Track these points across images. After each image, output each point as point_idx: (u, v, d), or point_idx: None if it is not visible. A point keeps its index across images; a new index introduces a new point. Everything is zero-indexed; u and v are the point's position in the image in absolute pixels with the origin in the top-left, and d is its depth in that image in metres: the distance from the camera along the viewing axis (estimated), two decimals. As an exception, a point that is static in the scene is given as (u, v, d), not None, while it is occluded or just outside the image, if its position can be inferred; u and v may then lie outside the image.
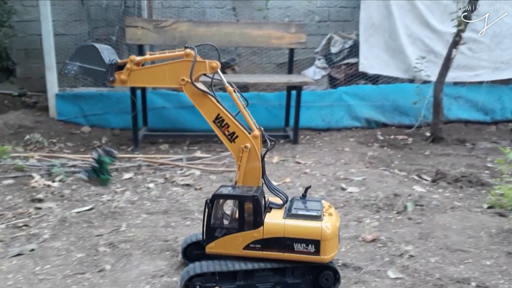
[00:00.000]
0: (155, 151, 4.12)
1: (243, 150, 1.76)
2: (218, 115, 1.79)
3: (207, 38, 4.48)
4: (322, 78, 5.73)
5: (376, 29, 4.85)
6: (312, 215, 1.67)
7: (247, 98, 5.26)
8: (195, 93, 1.78)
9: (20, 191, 2.81)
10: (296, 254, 1.65)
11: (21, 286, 1.76)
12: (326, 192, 2.87)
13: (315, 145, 4.17)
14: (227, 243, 1.69)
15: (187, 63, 1.76)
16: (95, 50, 1.80)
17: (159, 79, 1.82)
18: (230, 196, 1.70)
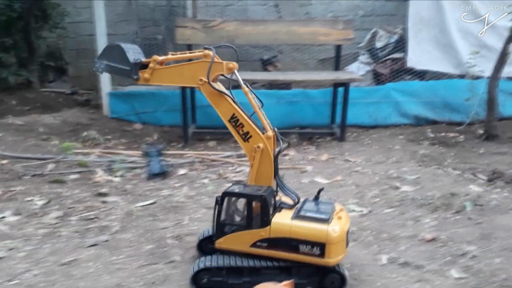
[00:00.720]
0: (203, 148, 4.28)
1: (256, 150, 1.81)
2: (233, 115, 1.84)
3: (253, 36, 4.58)
4: (366, 73, 5.68)
5: (425, 24, 4.76)
6: (320, 218, 1.70)
7: (291, 95, 5.34)
8: (212, 93, 1.85)
9: (86, 186, 3.03)
10: (301, 255, 1.68)
11: (102, 274, 1.93)
12: (380, 191, 2.90)
13: (363, 143, 4.17)
14: (236, 239, 1.75)
15: (205, 64, 1.83)
16: (120, 50, 1.90)
17: (179, 78, 1.90)
18: (240, 194, 1.75)
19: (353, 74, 4.48)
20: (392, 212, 2.57)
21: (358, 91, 4.75)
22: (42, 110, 5.46)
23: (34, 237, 2.26)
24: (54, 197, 2.79)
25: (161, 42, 6.24)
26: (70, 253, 2.10)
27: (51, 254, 2.09)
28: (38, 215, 2.53)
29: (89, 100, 6.00)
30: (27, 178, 3.09)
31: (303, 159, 3.69)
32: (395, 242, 2.22)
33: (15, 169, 3.19)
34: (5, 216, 2.48)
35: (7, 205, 2.64)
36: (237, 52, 1.95)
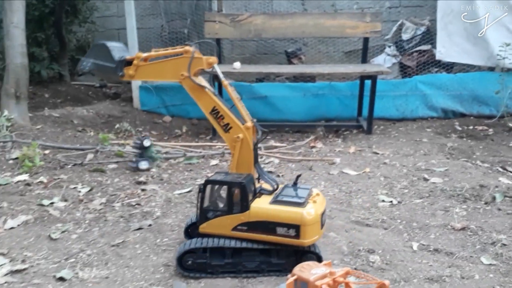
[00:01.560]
0: (231, 140, 4.43)
1: (236, 140, 1.95)
2: (214, 108, 1.97)
3: (281, 30, 4.69)
4: (392, 66, 5.72)
5: (455, 16, 4.76)
6: (295, 202, 1.85)
7: (318, 88, 5.43)
8: (193, 87, 1.97)
9: (124, 175, 3.22)
10: (278, 237, 1.84)
11: (149, 254, 2.11)
12: (409, 182, 2.99)
13: (391, 136, 4.25)
14: (218, 224, 1.90)
15: (186, 59, 1.95)
16: (105, 48, 2.04)
17: (162, 73, 2.02)
18: (220, 182, 1.91)
19: (380, 67, 4.55)
20: (422, 203, 2.67)
21: (385, 84, 4.81)
22: (73, 102, 5.74)
23: (83, 221, 2.46)
24: (96, 185, 3.00)
25: (187, 35, 6.42)
26: (118, 236, 2.29)
27: (100, 237, 2.29)
28: (84, 201, 2.74)
29: (117, 93, 6.25)
30: (69, 167, 3.31)
31: (330, 151, 3.81)
32: (425, 231, 2.33)
33: (57, 158, 3.42)
34: (54, 202, 2.69)
35: (53, 192, 2.86)
36: (217, 48, 2.16)
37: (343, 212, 2.58)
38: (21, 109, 4.12)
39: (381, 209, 2.61)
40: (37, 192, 2.84)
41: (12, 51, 4.10)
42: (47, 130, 4.01)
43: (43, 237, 2.28)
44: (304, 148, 3.95)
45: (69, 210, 2.60)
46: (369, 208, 2.63)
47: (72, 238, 2.28)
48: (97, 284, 1.87)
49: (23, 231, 2.34)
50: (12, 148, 3.53)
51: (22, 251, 2.14)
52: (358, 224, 2.42)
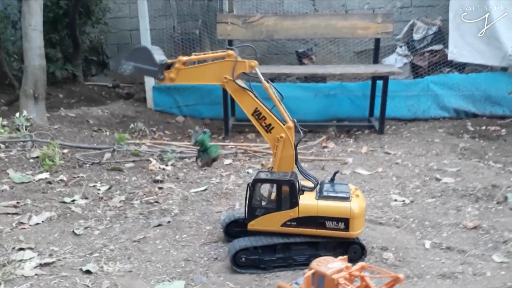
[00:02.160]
0: (243, 140, 4.54)
1: (279, 140, 2.04)
2: (256, 109, 2.07)
3: (292, 31, 4.77)
4: (404, 66, 5.77)
5: (468, 16, 4.80)
6: (342, 197, 1.97)
7: (329, 88, 5.50)
8: (236, 89, 2.06)
9: (141, 173, 3.34)
10: (328, 231, 1.96)
11: (169, 250, 2.22)
12: (421, 182, 3.06)
13: (403, 136, 4.32)
14: (267, 221, 1.99)
15: (229, 63, 2.04)
16: (147, 52, 2.09)
17: (203, 77, 2.10)
18: (270, 180, 2.01)
19: (392, 67, 4.61)
20: (434, 202, 2.74)
21: (397, 84, 4.87)
22: (87, 103, 5.88)
23: (104, 218, 2.58)
24: (114, 183, 3.11)
25: (198, 37, 6.53)
26: (138, 232, 2.40)
27: (122, 233, 2.40)
28: (104, 199, 2.85)
29: (130, 94, 6.38)
30: (87, 166, 3.43)
31: (342, 151, 3.89)
32: (437, 229, 2.40)
33: (75, 158, 3.54)
34: (76, 199, 2.81)
35: (74, 189, 2.98)
36: (256, 51, 2.22)
37: (356, 210, 2.65)
38: (39, 109, 4.26)
39: (393, 208, 2.69)
40: (58, 190, 2.96)
41: (31, 53, 4.23)
42: (64, 130, 4.14)
43: (67, 233, 2.39)
44: (316, 148, 4.04)
45: (90, 207, 2.72)
46: (382, 207, 2.71)
47: (94, 234, 2.39)
48: (122, 277, 1.97)
49: (47, 227, 2.46)
50: (32, 148, 3.66)
51: (49, 245, 2.25)
52: (372, 223, 2.50)
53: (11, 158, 3.48)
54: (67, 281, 1.94)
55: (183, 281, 1.94)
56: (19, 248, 2.20)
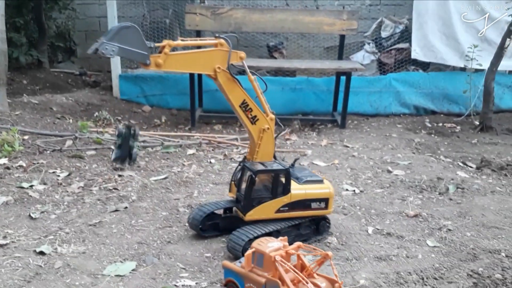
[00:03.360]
0: (210, 131, 4.65)
1: (264, 131, 2.15)
2: (244, 101, 2.12)
3: (260, 24, 4.90)
4: (371, 62, 6.01)
5: (430, 16, 5.06)
6: (318, 180, 2.26)
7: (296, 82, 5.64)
8: (229, 80, 2.07)
9: (102, 161, 3.41)
10: (313, 211, 2.22)
11: (124, 233, 2.32)
12: (373, 174, 3.27)
13: (363, 130, 4.53)
14: (263, 209, 2.13)
15: (221, 52, 2.02)
16: (137, 33, 1.90)
17: (193, 65, 2.06)
18: (270, 170, 2.12)
19: (355, 64, 4.81)
20: (382, 192, 2.95)
21: (361, 80, 5.09)
22: (52, 90, 5.84)
23: (61, 203, 2.65)
24: (74, 170, 3.18)
25: (169, 26, 6.56)
26: (95, 217, 2.49)
27: (78, 217, 2.48)
28: (62, 185, 2.92)
29: (97, 82, 6.37)
30: (48, 153, 3.48)
31: (303, 144, 4.06)
32: (382, 217, 2.60)
33: (36, 144, 3.58)
34: (34, 185, 2.87)
35: (33, 175, 3.03)
36: (238, 41, 2.14)
37: (309, 199, 2.82)
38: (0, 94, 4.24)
39: (344, 197, 2.87)
40: (16, 176, 3.01)
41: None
42: (26, 116, 4.15)
43: (23, 217, 2.46)
44: (279, 140, 4.19)
45: (48, 193, 2.78)
46: (333, 196, 2.88)
47: (51, 218, 2.47)
48: (75, 258, 2.07)
49: (3, 211, 2.52)
50: (-9, 133, 3.66)
51: (3, 228, 2.32)
52: (321, 210, 2.67)
53: (-31, 143, 3.48)
54: (20, 261, 2.02)
55: (134, 262, 2.05)
56: (-28, 231, 2.26)
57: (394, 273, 1.99)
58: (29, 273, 1.93)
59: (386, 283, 1.91)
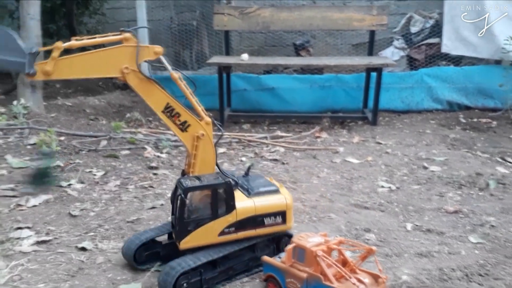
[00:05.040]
0: (238, 130, 4.66)
1: (198, 139, 1.79)
2: (167, 105, 1.78)
3: (289, 22, 4.89)
4: (400, 58, 5.89)
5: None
6: (272, 190, 1.89)
7: (324, 79, 5.59)
8: (142, 81, 1.73)
9: (137, 160, 3.47)
10: (267, 228, 1.85)
11: (162, 230, 2.35)
12: (408, 170, 3.20)
13: (395, 127, 4.45)
14: (202, 234, 1.74)
15: (127, 49, 1.70)
16: (9, 37, 1.56)
17: (94, 68, 1.70)
18: (204, 186, 1.73)
19: (386, 59, 4.73)
20: (419, 189, 2.88)
21: (392, 76, 4.99)
22: (84, 93, 6.00)
23: (99, 201, 2.71)
24: (110, 169, 3.25)
25: (195, 28, 6.63)
26: (132, 214, 2.53)
27: (116, 214, 2.53)
28: (99, 183, 2.99)
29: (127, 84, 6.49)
30: (84, 153, 3.57)
31: (334, 141, 4.02)
32: (420, 213, 2.54)
33: (72, 145, 3.68)
34: (72, 184, 2.95)
35: (70, 175, 3.11)
36: (150, 30, 1.88)
37: (343, 196, 2.80)
38: (36, 98, 4.39)
39: (380, 194, 2.83)
40: (55, 175, 3.10)
41: (28, 42, 4.35)
42: (61, 118, 4.27)
43: (63, 214, 2.53)
44: (309, 138, 4.17)
45: (86, 191, 2.85)
46: (369, 193, 2.84)
47: (90, 215, 2.53)
48: (115, 253, 2.11)
49: (44, 209, 2.60)
50: (29, 134, 3.79)
51: (45, 225, 2.39)
52: (357, 207, 2.64)
53: (9, 144, 3.62)
54: (63, 257, 2.08)
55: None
56: (17, 227, 2.34)
57: (437, 270, 1.94)
58: (73, 268, 1.98)
59: (429, 279, 1.86)
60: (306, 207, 2.62)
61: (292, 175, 3.16)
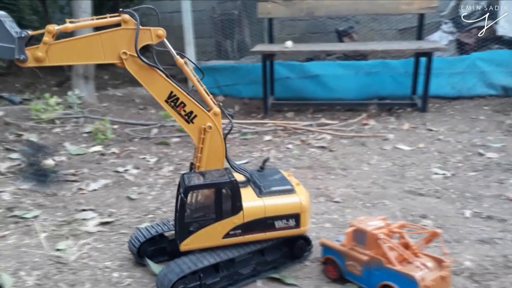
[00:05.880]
0: (282, 118, 4.67)
1: (206, 131, 1.67)
2: (171, 93, 1.64)
3: (334, 7, 4.81)
4: (449, 43, 5.67)
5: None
6: (286, 189, 1.72)
7: (371, 66, 5.49)
8: (142, 68, 1.60)
9: (187, 147, 3.57)
10: (277, 231, 1.69)
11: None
12: (463, 157, 3.10)
13: (446, 113, 4.31)
14: (204, 235, 1.62)
15: (126, 32, 1.55)
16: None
17: (90, 53, 1.55)
18: (206, 185, 1.59)
19: (436, 44, 4.58)
20: (476, 175, 2.79)
21: (441, 61, 4.82)
22: (130, 84, 6.19)
23: (155, 185, 2.82)
24: (162, 156, 3.36)
25: (237, 17, 6.67)
26: (187, 198, 2.61)
27: (172, 198, 2.61)
28: (154, 169, 3.10)
29: (172, 75, 6.64)
30: (137, 140, 3.70)
31: (383, 128, 3.95)
32: (478, 200, 2.46)
33: (125, 132, 3.82)
34: (128, 169, 3.08)
35: (125, 161, 3.25)
36: (158, 14, 1.69)
37: (396, 183, 2.76)
38: (89, 88, 4.59)
39: (434, 180, 2.76)
40: (111, 161, 3.24)
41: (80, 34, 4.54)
42: (113, 108, 4.45)
43: (122, 197, 2.65)
44: (356, 125, 4.12)
45: (142, 176, 2.97)
46: (423, 179, 2.79)
47: (147, 198, 2.63)
48: (174, 235, 2.19)
49: (104, 192, 2.73)
50: (84, 123, 3.98)
51: (107, 208, 2.51)
52: (411, 194, 2.59)
53: (67, 132, 3.81)
54: (126, 237, 2.18)
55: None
56: (81, 209, 2.48)
57: (501, 256, 1.88)
58: (136, 247, 2.08)
59: (493, 266, 1.82)
60: (358, 193, 2.61)
61: (342, 161, 3.14)
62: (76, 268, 1.92)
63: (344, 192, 2.62)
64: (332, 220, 2.28)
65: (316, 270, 1.85)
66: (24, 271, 1.89)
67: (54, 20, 6.68)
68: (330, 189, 2.66)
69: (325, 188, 2.67)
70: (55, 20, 6.72)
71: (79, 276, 1.86)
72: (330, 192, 2.61)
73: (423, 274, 1.53)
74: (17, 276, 1.85)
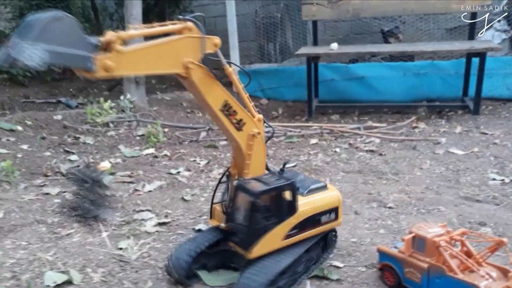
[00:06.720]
0: (327, 121, 4.66)
1: (254, 137, 1.69)
2: (226, 102, 1.64)
3: (380, 8, 4.75)
4: (502, 42, 5.45)
5: None
6: (322, 186, 1.83)
7: (419, 67, 5.36)
8: (206, 77, 1.55)
9: (234, 150, 3.64)
10: (323, 226, 1.82)
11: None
12: (523, 162, 2.98)
13: (501, 116, 4.15)
14: (268, 240, 1.65)
15: (190, 41, 1.49)
16: (73, 27, 1.26)
17: (158, 63, 1.45)
18: (274, 189, 1.63)
19: (490, 43, 4.41)
20: (538, 182, 2.68)
21: (495, 61, 4.64)
22: (176, 88, 6.38)
23: (207, 187, 2.90)
24: (211, 158, 3.45)
25: (280, 20, 6.71)
26: (239, 200, 2.68)
27: (224, 200, 2.69)
28: (204, 171, 3.19)
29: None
30: (186, 143, 3.82)
31: (434, 132, 3.85)
32: (542, 208, 2.36)
33: (175, 135, 3.95)
34: (180, 171, 3.18)
35: (177, 163, 3.36)
36: (205, 21, 1.55)
37: (451, 188, 2.69)
38: (140, 93, 4.77)
39: (491, 186, 2.67)
40: (164, 163, 3.36)
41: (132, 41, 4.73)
42: (162, 111, 4.60)
43: (177, 199, 2.75)
44: (405, 128, 4.04)
45: (194, 178, 3.06)
46: (479, 185, 2.70)
47: (201, 200, 2.72)
48: (229, 237, 2.25)
49: (159, 194, 2.84)
50: (137, 127, 4.15)
51: (163, 209, 2.61)
52: (468, 200, 2.52)
53: (120, 136, 3.99)
54: (183, 237, 2.27)
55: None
56: (138, 210, 2.59)
57: None
58: (193, 248, 2.15)
59: (562, 278, 1.74)
60: (412, 199, 2.56)
61: (393, 166, 3.10)
62: (138, 266, 2.01)
63: (397, 198, 2.58)
64: (386, 226, 2.27)
65: (373, 276, 1.85)
66: (90, 268, 2.00)
67: (105, 27, 7.00)
68: (382, 194, 2.63)
69: (377, 193, 2.65)
70: (105, 27, 7.03)
71: (141, 274, 1.95)
72: (382, 198, 2.58)
73: (488, 284, 1.49)
74: (84, 273, 1.97)
